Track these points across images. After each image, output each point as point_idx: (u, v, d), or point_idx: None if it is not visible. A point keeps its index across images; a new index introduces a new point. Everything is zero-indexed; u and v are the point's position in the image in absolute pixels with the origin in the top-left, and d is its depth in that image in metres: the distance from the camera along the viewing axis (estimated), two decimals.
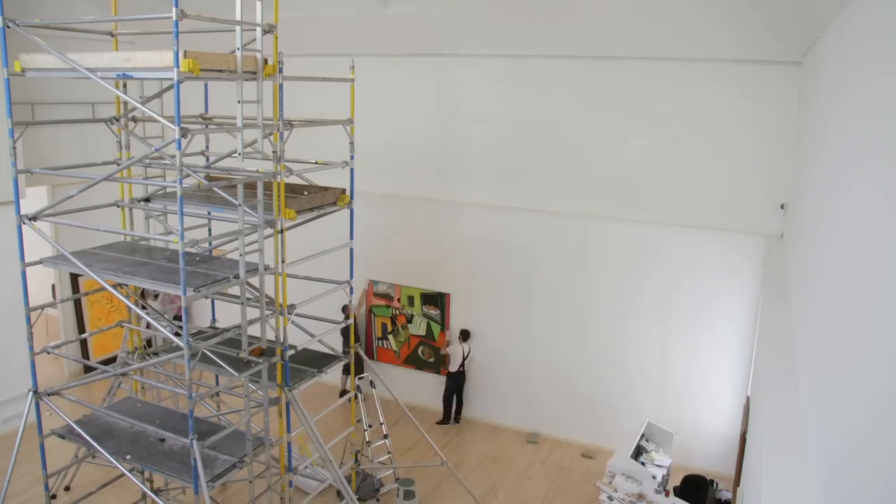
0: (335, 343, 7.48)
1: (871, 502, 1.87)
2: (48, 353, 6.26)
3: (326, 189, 6.66)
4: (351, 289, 7.04)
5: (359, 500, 7.56)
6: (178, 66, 4.58)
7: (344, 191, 6.72)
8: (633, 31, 7.73)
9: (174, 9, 4.49)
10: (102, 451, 5.53)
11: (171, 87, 5.29)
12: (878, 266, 2.27)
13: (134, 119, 6.68)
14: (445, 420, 9.71)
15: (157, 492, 7.03)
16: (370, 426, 7.78)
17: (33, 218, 5.63)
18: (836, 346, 2.87)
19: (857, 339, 2.44)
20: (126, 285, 6.17)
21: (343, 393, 9.92)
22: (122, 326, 6.91)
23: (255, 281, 5.97)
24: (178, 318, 9.58)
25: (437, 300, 9.82)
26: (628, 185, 8.38)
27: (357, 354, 7.34)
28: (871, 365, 2.14)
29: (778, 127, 7.52)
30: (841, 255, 3.11)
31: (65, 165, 6.26)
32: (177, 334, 5.92)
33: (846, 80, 3.85)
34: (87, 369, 9.40)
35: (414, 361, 10.18)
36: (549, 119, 8.70)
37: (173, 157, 4.82)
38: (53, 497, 7.10)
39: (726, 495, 7.35)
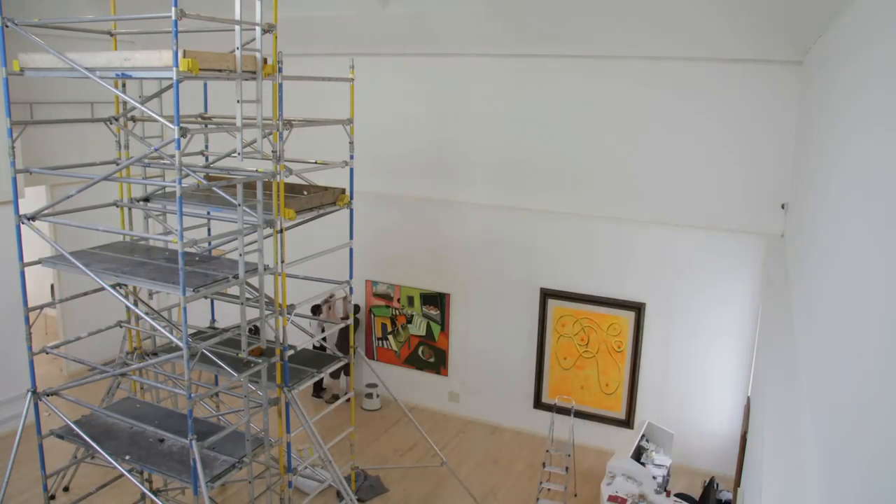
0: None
1: (872, 503, 1.86)
2: (47, 353, 6.25)
3: (326, 189, 6.65)
4: (351, 289, 7.03)
5: (359, 500, 7.56)
6: (177, 66, 4.57)
7: (343, 190, 6.71)
8: (632, 31, 7.72)
9: (173, 8, 4.48)
10: (101, 451, 5.52)
11: (170, 86, 5.29)
12: (879, 266, 2.26)
13: (133, 119, 6.67)
14: None
15: (156, 492, 7.01)
16: None
17: (32, 218, 5.62)
18: (836, 347, 2.86)
19: (858, 339, 2.43)
20: (125, 285, 6.16)
21: (335, 397, 9.87)
22: (120, 326, 6.90)
23: (254, 281, 5.96)
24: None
25: (437, 300, 9.81)
26: (628, 184, 8.38)
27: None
28: (872, 365, 2.14)
29: (778, 126, 7.51)
30: (841, 255, 3.10)
31: (64, 165, 6.25)
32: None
33: (847, 79, 3.84)
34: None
35: (414, 361, 10.17)
36: (549, 119, 8.69)
37: (172, 156, 4.81)
38: (52, 498, 7.10)
39: (726, 495, 7.34)
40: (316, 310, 9.72)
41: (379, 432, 9.46)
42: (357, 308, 9.97)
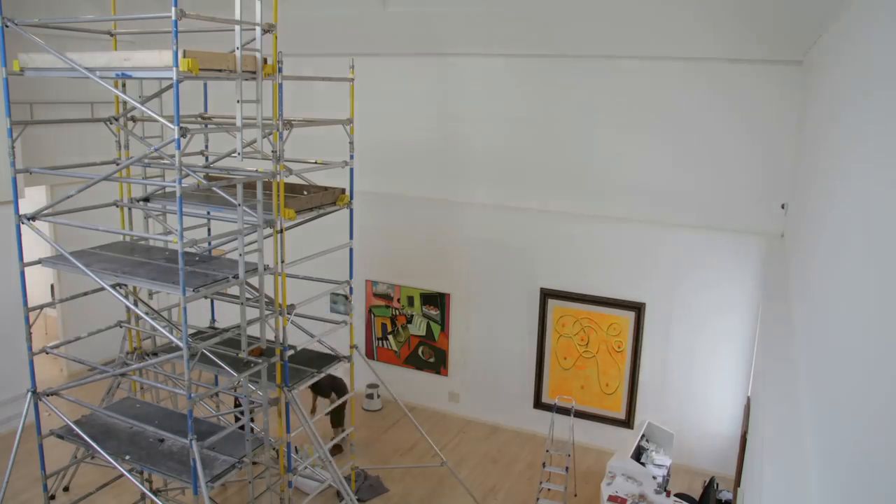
0: (335, 343, 7.47)
1: (872, 502, 1.86)
2: (47, 353, 6.25)
3: (326, 189, 6.65)
4: (350, 289, 7.04)
5: (359, 500, 7.56)
6: (177, 66, 4.58)
7: (343, 190, 6.71)
8: (633, 31, 7.72)
9: (173, 8, 4.48)
10: (101, 451, 5.52)
11: (170, 86, 5.28)
12: (879, 266, 2.26)
13: (133, 119, 6.67)
14: None
15: (156, 492, 7.01)
16: None
17: (32, 218, 5.62)
18: (836, 346, 2.86)
19: (858, 338, 2.43)
20: (125, 285, 6.16)
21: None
22: (120, 326, 6.90)
23: (254, 281, 5.96)
24: None
25: (436, 300, 9.81)
26: (628, 184, 8.37)
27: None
28: (872, 365, 2.14)
29: (778, 126, 7.51)
30: (841, 255, 3.10)
31: (64, 165, 6.25)
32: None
33: (847, 79, 3.84)
34: None
35: (414, 361, 10.17)
36: (549, 118, 8.69)
37: (172, 156, 4.81)
38: (52, 498, 7.10)
39: (726, 495, 7.34)
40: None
41: (379, 432, 9.46)
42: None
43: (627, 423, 8.90)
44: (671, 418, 8.46)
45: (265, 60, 5.45)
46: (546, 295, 9.10)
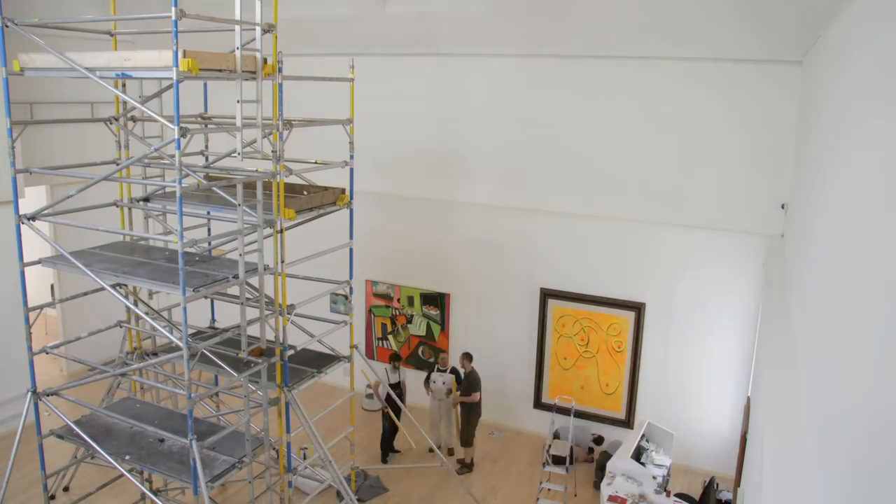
0: (335, 343, 7.46)
1: (872, 503, 1.86)
2: (47, 353, 6.25)
3: (326, 189, 6.65)
4: (351, 289, 7.03)
5: (359, 500, 7.56)
6: (177, 66, 4.58)
7: (343, 190, 6.71)
8: (633, 31, 7.72)
9: (173, 8, 4.48)
10: (101, 451, 5.53)
11: (170, 86, 5.28)
12: (878, 266, 2.26)
13: (133, 119, 6.67)
14: None
15: (156, 492, 7.01)
16: None
17: (32, 218, 5.63)
18: (836, 346, 2.86)
19: (858, 339, 2.43)
20: (125, 285, 6.16)
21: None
22: (120, 326, 6.90)
23: (254, 281, 5.96)
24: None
25: (436, 300, 9.81)
26: (628, 184, 8.37)
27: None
28: (872, 365, 2.14)
29: (778, 127, 7.51)
30: (841, 255, 3.10)
31: (64, 165, 6.25)
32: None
33: (846, 79, 3.84)
34: None
35: (414, 361, 10.17)
36: (549, 118, 8.69)
37: (172, 156, 4.81)
38: (52, 498, 7.10)
39: (726, 495, 7.34)
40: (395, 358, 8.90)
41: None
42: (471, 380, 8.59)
43: (627, 423, 8.90)
44: (671, 418, 8.46)
45: (265, 60, 5.45)
46: (546, 295, 9.10)
